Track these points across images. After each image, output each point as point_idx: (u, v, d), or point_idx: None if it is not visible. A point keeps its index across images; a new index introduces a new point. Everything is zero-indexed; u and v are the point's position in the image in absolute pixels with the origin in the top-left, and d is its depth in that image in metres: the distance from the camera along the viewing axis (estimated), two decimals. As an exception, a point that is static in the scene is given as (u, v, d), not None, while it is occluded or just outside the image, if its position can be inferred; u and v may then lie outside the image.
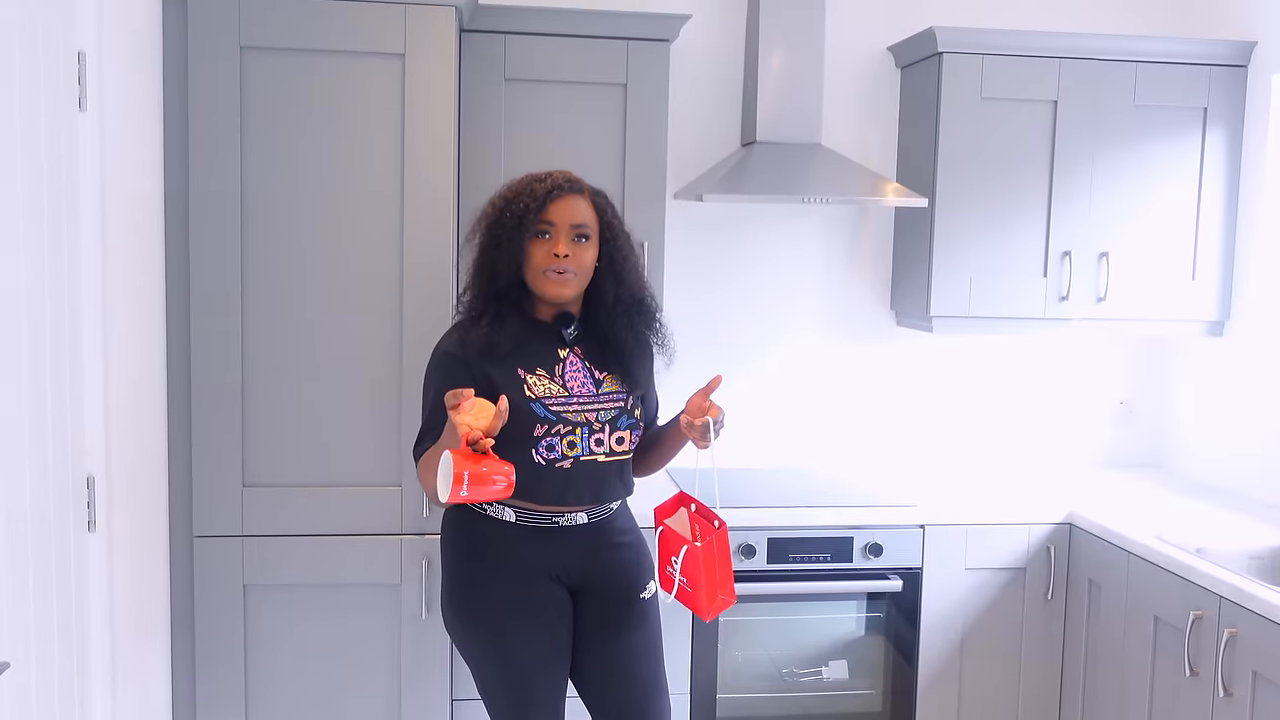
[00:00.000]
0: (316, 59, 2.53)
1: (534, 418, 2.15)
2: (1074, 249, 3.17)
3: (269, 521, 2.61)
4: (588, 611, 2.28)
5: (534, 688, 2.22)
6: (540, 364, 2.20)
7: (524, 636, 2.19)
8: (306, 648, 2.67)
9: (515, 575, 2.20)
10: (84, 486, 2.13)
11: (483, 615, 2.21)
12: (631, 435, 2.27)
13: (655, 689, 2.33)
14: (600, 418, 2.22)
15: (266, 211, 2.55)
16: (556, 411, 2.17)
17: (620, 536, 2.32)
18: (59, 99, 1.98)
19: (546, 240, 2.16)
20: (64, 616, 1.99)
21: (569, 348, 2.25)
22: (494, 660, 2.21)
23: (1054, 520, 3.00)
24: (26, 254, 1.82)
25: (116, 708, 2.35)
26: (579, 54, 2.88)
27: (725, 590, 2.12)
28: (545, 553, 2.22)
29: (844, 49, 3.37)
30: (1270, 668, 2.27)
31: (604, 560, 2.28)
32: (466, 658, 2.28)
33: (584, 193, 2.23)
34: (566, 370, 2.23)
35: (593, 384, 2.24)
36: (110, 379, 2.29)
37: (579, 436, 2.18)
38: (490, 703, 2.26)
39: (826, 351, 3.48)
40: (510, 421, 2.08)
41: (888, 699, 3.03)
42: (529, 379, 2.18)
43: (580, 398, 2.21)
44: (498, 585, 2.20)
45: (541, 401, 2.17)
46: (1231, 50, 3.17)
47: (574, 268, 2.17)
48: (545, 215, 2.16)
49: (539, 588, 2.22)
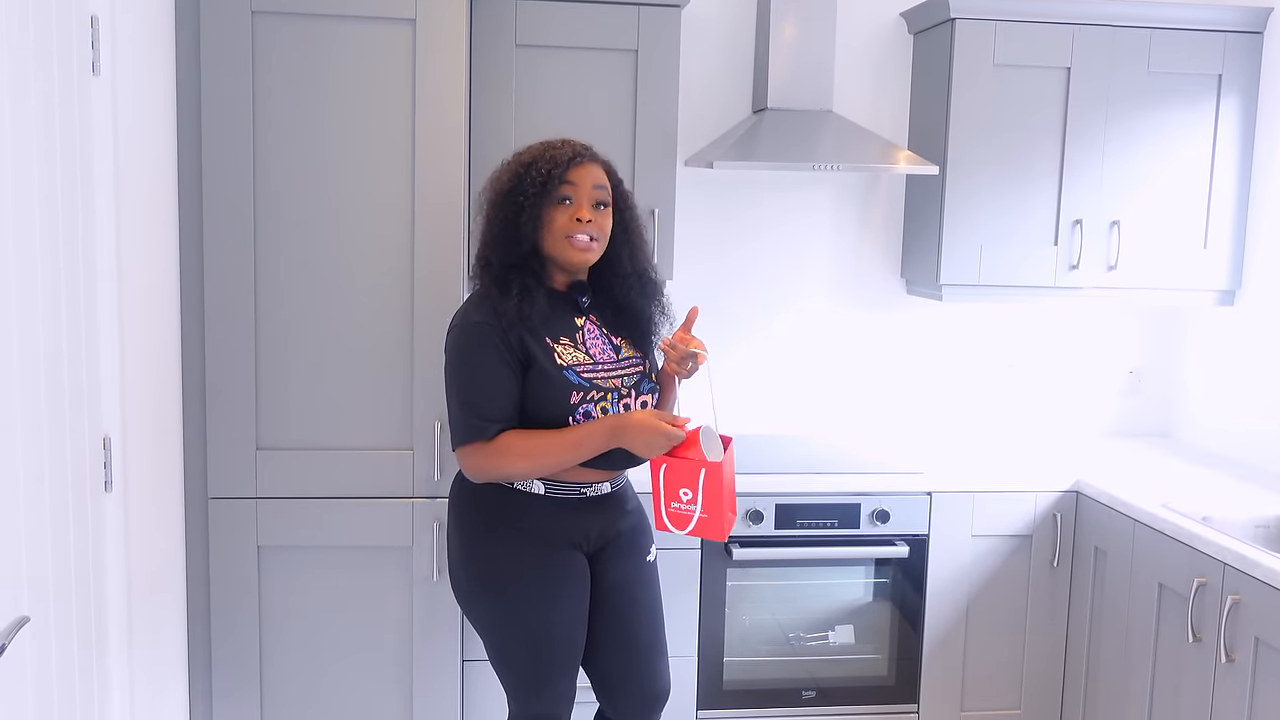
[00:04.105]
0: (328, 24, 2.53)
1: (569, 385, 2.15)
2: (1085, 217, 3.16)
3: (282, 484, 2.64)
4: (600, 576, 2.30)
5: (556, 657, 2.24)
6: (563, 333, 2.21)
7: (551, 608, 2.21)
8: (319, 609, 2.71)
9: (543, 547, 2.21)
10: (100, 447, 2.15)
11: (508, 588, 2.21)
12: (652, 398, 2.30)
13: (658, 650, 2.37)
14: (625, 383, 2.24)
15: (279, 175, 2.56)
16: (588, 378, 2.18)
17: (630, 503, 2.37)
18: (72, 63, 1.99)
19: (568, 206, 2.17)
20: (81, 574, 2.03)
21: (584, 316, 2.27)
22: (519, 631, 2.22)
23: (1061, 488, 3.01)
24: (41, 218, 1.84)
25: (133, 663, 2.39)
26: (590, 19, 2.87)
27: (732, 508, 2.14)
28: (572, 523, 2.24)
29: (856, 15, 3.35)
30: (1272, 633, 2.29)
31: (619, 526, 2.31)
32: (483, 628, 2.28)
33: (599, 161, 2.24)
34: (587, 338, 2.24)
35: (612, 350, 2.26)
36: (126, 341, 2.31)
37: (610, 402, 2.20)
38: (508, 672, 2.27)
39: (836, 319, 3.49)
40: (546, 391, 2.12)
41: (893, 664, 3.06)
42: (556, 348, 2.18)
43: (605, 364, 2.23)
44: (525, 558, 2.21)
45: (573, 369, 2.18)
46: (1247, 16, 3.14)
47: (597, 233, 2.19)
48: (569, 178, 2.16)
49: (565, 558, 2.23)
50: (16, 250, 1.74)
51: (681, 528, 2.11)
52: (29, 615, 1.67)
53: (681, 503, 2.10)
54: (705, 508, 2.08)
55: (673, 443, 2.09)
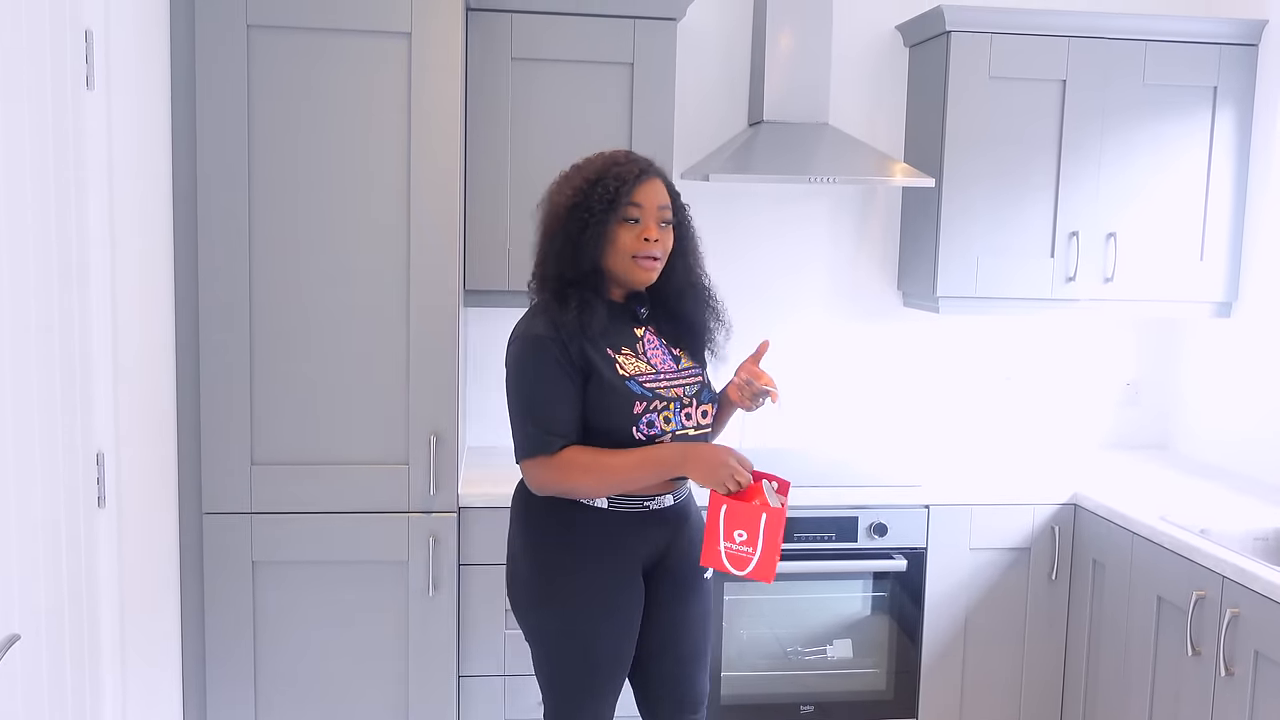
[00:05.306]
0: (323, 38, 2.53)
1: (632, 395, 2.15)
2: (1081, 229, 3.16)
3: (277, 499, 2.63)
4: (655, 588, 2.29)
5: (604, 675, 2.23)
6: (624, 343, 2.21)
7: (608, 625, 2.21)
8: (315, 624, 2.69)
9: (607, 564, 2.20)
10: (94, 463, 2.14)
11: (571, 603, 2.19)
12: (711, 408, 2.29)
13: (701, 664, 2.36)
14: (686, 392, 2.24)
15: (275, 189, 2.55)
16: (650, 388, 2.18)
17: (692, 516, 2.35)
18: (66, 77, 1.98)
19: (634, 225, 2.14)
20: (74, 591, 2.01)
21: (643, 326, 2.26)
22: (575, 647, 2.21)
23: (1059, 501, 3.01)
24: (35, 231, 1.83)
25: (127, 681, 2.38)
26: (586, 33, 2.87)
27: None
28: (636, 539, 2.23)
29: (852, 28, 3.35)
30: (1272, 647, 2.28)
31: (679, 539, 2.30)
32: (534, 638, 2.26)
33: (662, 176, 2.22)
34: (647, 348, 2.24)
35: (672, 360, 2.26)
36: (120, 355, 2.31)
37: (673, 412, 2.19)
38: (554, 684, 2.26)
39: (833, 331, 3.48)
40: (610, 401, 2.12)
41: (892, 678, 3.05)
42: (618, 358, 2.18)
43: (666, 374, 2.22)
44: (589, 574, 2.19)
45: (636, 379, 2.17)
46: (1242, 29, 3.15)
47: (662, 252, 2.18)
48: (635, 199, 2.14)
49: (626, 575, 2.22)
50: (9, 262, 1.73)
51: (740, 569, 2.11)
52: (19, 633, 1.66)
53: (735, 543, 2.10)
54: (764, 552, 2.09)
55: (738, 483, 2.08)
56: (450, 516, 2.70)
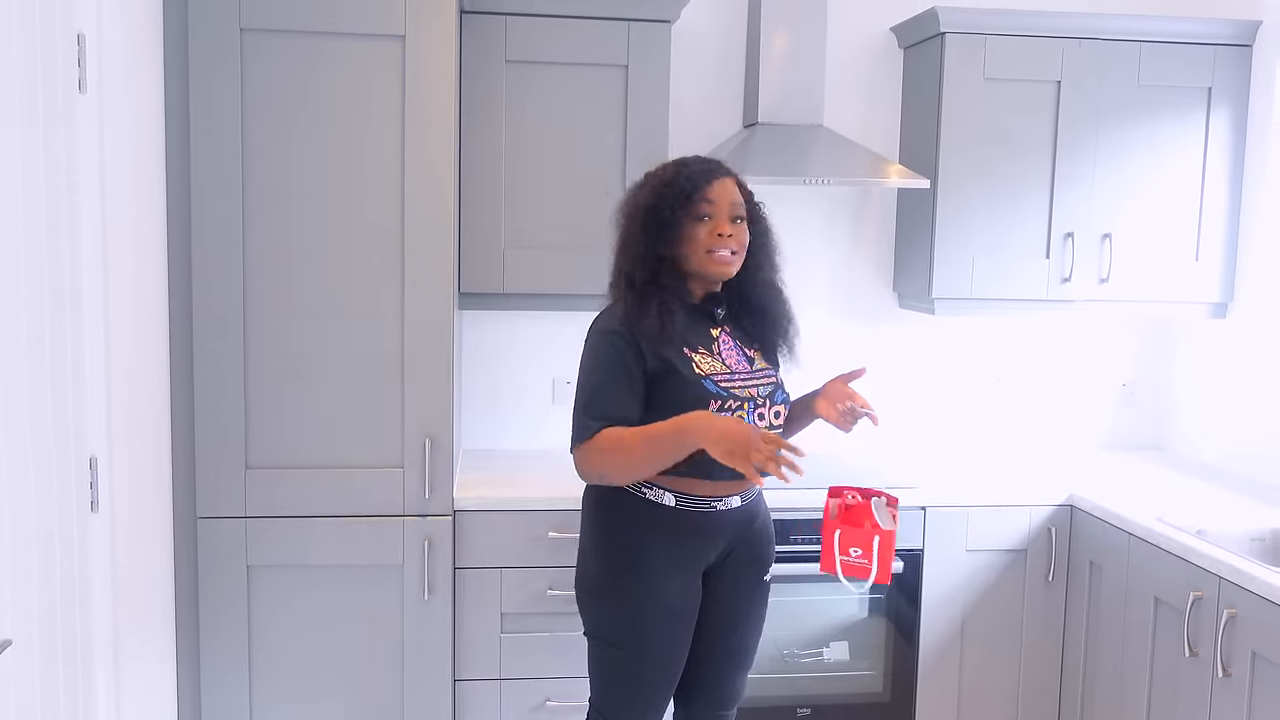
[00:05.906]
0: (317, 41, 2.53)
1: (707, 394, 2.17)
2: (1077, 230, 3.16)
3: (272, 503, 2.62)
4: (715, 585, 2.30)
5: (660, 672, 2.25)
6: (700, 343, 2.24)
7: (668, 626, 2.23)
8: (310, 628, 2.68)
9: (673, 563, 2.22)
10: (87, 467, 2.13)
11: (635, 601, 2.21)
12: (784, 409, 2.31)
13: (745, 661, 2.38)
14: (760, 393, 2.26)
15: (268, 194, 2.55)
16: (725, 388, 2.20)
17: (759, 518, 2.36)
18: (58, 80, 1.98)
19: (708, 222, 2.19)
20: (67, 596, 2.00)
21: (719, 327, 2.29)
22: (634, 645, 2.23)
23: (1055, 502, 3.00)
24: (26, 235, 1.83)
25: (120, 686, 2.37)
26: (580, 35, 2.87)
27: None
28: (701, 539, 2.24)
29: (846, 30, 3.35)
30: (1269, 648, 2.27)
31: (744, 541, 2.31)
32: (594, 633, 2.29)
33: (733, 176, 2.27)
34: (723, 349, 2.27)
35: (747, 361, 2.29)
36: (112, 360, 2.30)
37: (746, 411, 2.21)
38: (605, 681, 2.29)
39: (829, 333, 3.48)
40: (684, 400, 2.14)
41: (888, 680, 3.04)
42: (694, 358, 2.21)
43: (740, 374, 2.25)
44: (655, 573, 2.21)
45: (711, 379, 2.19)
46: (1236, 30, 3.15)
47: (737, 246, 2.22)
48: (707, 196, 2.19)
49: (689, 576, 2.24)
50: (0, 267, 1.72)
51: (861, 576, 2.24)
52: (11, 638, 1.65)
53: (851, 558, 2.22)
54: (880, 566, 2.22)
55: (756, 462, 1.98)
56: (445, 520, 2.69)
